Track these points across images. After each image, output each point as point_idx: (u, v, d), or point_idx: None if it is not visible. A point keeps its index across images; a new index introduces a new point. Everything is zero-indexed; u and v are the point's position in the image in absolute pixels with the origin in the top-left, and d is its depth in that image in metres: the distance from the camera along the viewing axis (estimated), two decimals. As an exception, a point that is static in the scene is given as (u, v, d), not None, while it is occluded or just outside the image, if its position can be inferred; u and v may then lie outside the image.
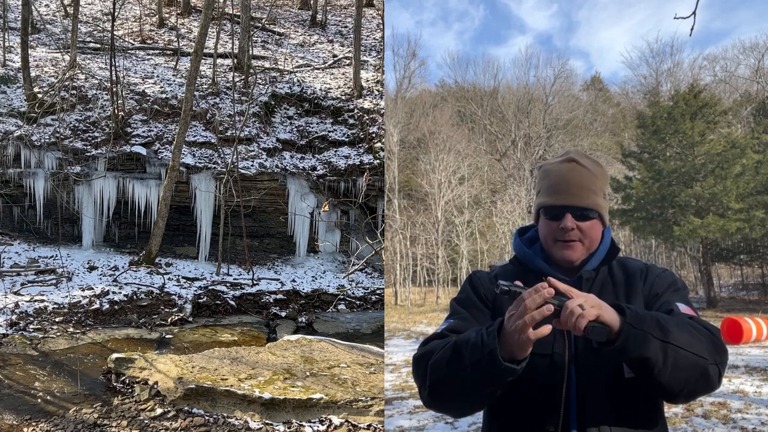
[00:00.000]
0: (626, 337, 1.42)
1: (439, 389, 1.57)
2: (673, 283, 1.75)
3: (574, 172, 1.75)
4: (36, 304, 10.70)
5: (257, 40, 21.85)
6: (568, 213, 1.70)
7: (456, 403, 1.59)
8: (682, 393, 1.50)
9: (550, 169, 1.80)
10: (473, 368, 1.47)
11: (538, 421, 1.60)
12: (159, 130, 15.76)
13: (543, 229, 1.78)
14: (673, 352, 1.43)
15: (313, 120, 17.53)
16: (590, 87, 42.93)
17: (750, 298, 23.60)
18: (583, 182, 1.74)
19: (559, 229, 1.71)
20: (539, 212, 1.79)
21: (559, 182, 1.75)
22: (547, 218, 1.75)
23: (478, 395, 1.54)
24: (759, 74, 30.64)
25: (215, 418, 6.13)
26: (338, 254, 16.12)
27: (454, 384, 1.52)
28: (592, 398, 1.59)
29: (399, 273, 28.48)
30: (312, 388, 6.64)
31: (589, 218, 1.72)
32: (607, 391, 1.59)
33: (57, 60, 17.97)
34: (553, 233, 1.73)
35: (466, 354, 1.49)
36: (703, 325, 1.54)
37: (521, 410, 1.63)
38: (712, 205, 21.55)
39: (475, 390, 1.51)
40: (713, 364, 1.48)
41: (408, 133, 34.65)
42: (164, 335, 10.44)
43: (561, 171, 1.77)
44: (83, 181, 14.41)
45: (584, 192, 1.73)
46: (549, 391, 1.59)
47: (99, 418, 6.25)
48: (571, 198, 1.71)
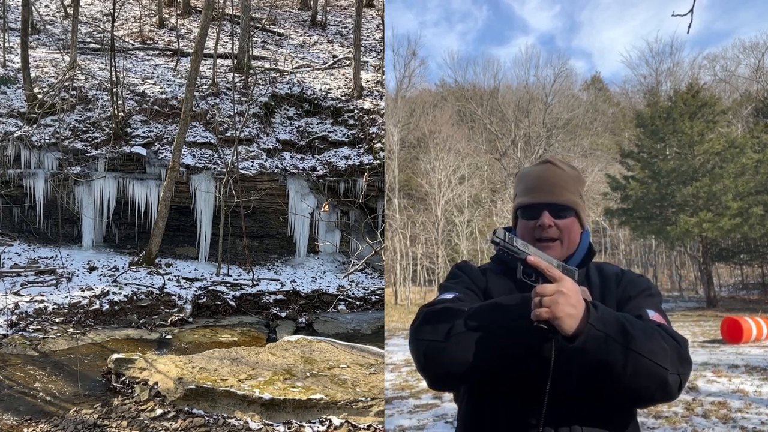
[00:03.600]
0: (586, 338, 1.40)
1: (465, 339, 1.51)
2: (647, 288, 1.74)
3: (549, 171, 1.77)
4: (36, 304, 10.71)
5: (257, 40, 21.85)
6: (545, 210, 1.71)
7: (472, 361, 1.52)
8: (640, 399, 1.50)
9: (527, 172, 1.83)
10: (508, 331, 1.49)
11: (521, 413, 1.57)
12: (159, 130, 15.77)
13: (521, 230, 1.77)
14: (633, 359, 1.41)
15: (313, 120, 17.53)
16: (590, 87, 42.98)
17: (750, 297, 23.62)
18: (559, 181, 1.75)
19: (537, 226, 1.71)
20: (517, 213, 1.80)
21: (535, 182, 1.76)
22: (525, 218, 1.76)
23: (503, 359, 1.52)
24: (759, 74, 30.65)
25: (215, 418, 6.13)
26: (338, 254, 16.12)
27: (485, 338, 1.50)
28: (569, 395, 1.56)
29: (399, 272, 28.50)
30: (312, 388, 6.65)
31: (566, 216, 1.73)
32: (581, 389, 1.55)
33: (57, 60, 17.97)
34: (531, 232, 1.73)
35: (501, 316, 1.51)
36: (670, 335, 1.51)
37: (504, 401, 1.60)
38: (711, 204, 21.56)
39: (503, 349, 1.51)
40: (674, 374, 1.46)
41: (408, 133, 34.67)
42: (164, 336, 10.45)
43: (536, 172, 1.79)
44: (83, 181, 14.41)
45: (560, 190, 1.74)
46: (533, 383, 1.56)
47: (99, 418, 6.26)
48: (547, 195, 1.72)
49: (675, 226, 21.41)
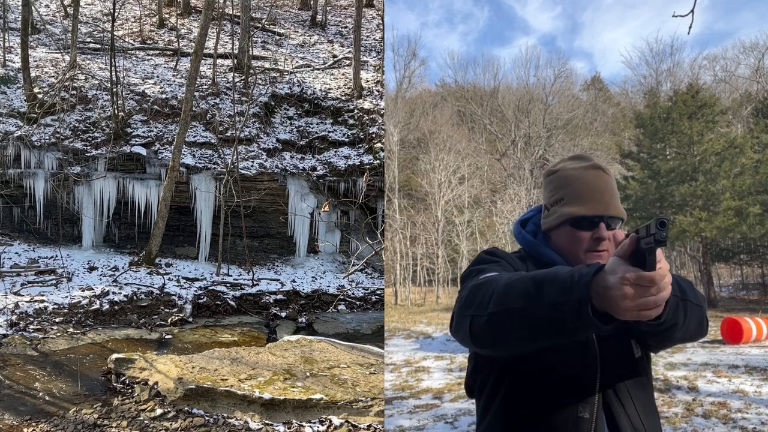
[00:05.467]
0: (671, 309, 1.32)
1: (501, 319, 1.36)
2: None
3: (602, 181, 1.72)
4: (36, 304, 10.70)
5: (257, 40, 21.85)
6: (602, 223, 1.67)
7: (508, 341, 1.41)
8: (684, 341, 1.52)
9: (575, 176, 1.74)
10: (551, 309, 1.28)
11: (571, 407, 1.52)
12: (159, 130, 15.76)
13: (569, 239, 1.71)
14: (688, 308, 1.41)
15: (313, 120, 17.53)
16: (590, 87, 42.97)
17: (750, 298, 23.60)
18: (613, 191, 1.72)
19: (593, 239, 1.67)
20: (565, 222, 1.72)
21: (591, 191, 1.70)
22: (578, 228, 1.70)
23: (539, 340, 1.37)
24: (759, 74, 30.64)
25: (215, 418, 6.13)
26: (338, 255, 16.11)
27: (523, 319, 1.34)
28: (614, 381, 1.55)
29: (399, 273, 28.50)
30: (312, 388, 6.65)
31: (616, 227, 1.71)
32: (624, 372, 1.56)
33: (57, 60, 17.97)
34: (584, 243, 1.69)
35: (549, 291, 1.29)
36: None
37: (550, 397, 1.54)
38: (711, 204, 21.56)
39: (540, 333, 1.34)
40: (705, 310, 1.51)
41: (408, 133, 34.67)
42: (164, 336, 10.45)
43: (588, 179, 1.72)
44: (83, 181, 14.41)
45: (615, 201, 1.71)
46: (581, 375, 1.53)
47: (99, 418, 6.25)
48: (604, 208, 1.68)
49: (674, 226, 21.42)
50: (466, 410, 8.10)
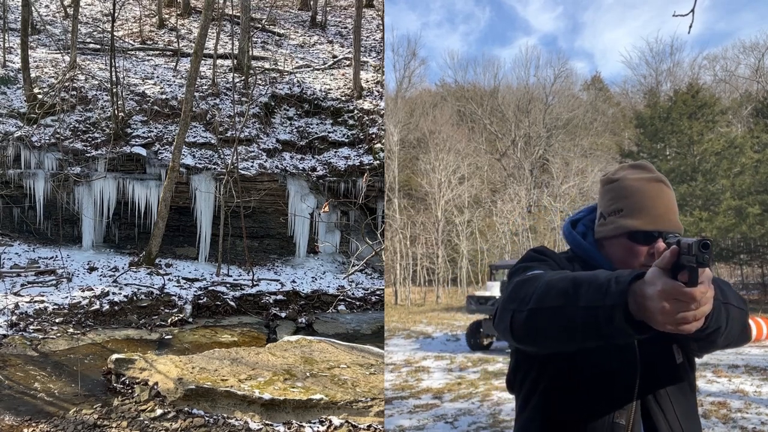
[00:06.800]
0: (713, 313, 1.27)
1: (540, 316, 1.37)
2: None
3: (666, 195, 1.70)
4: (36, 304, 10.71)
5: (257, 40, 21.85)
6: (660, 239, 1.63)
7: (546, 339, 1.42)
8: (727, 347, 1.50)
9: (636, 187, 1.70)
10: (585, 312, 1.27)
11: (607, 412, 1.51)
12: (159, 130, 15.77)
13: (625, 252, 1.68)
14: (731, 312, 1.40)
15: (313, 121, 17.53)
16: (590, 87, 42.96)
17: (750, 297, 23.57)
18: (674, 206, 1.70)
19: (649, 254, 1.64)
20: (622, 234, 1.68)
21: (652, 205, 1.67)
22: (636, 242, 1.66)
23: (575, 340, 1.36)
24: (759, 74, 30.63)
25: (215, 418, 6.13)
26: (338, 255, 16.12)
27: (559, 319, 1.33)
28: (654, 386, 1.54)
29: (399, 273, 28.50)
30: (312, 388, 6.65)
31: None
32: (664, 378, 1.55)
33: (57, 61, 17.97)
34: (640, 257, 1.65)
35: (586, 294, 1.29)
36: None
37: (586, 399, 1.53)
38: (711, 204, 21.56)
39: (575, 334, 1.33)
40: (747, 313, 1.48)
41: (408, 133, 34.66)
42: (164, 336, 10.45)
43: (650, 192, 1.69)
44: (83, 181, 14.41)
45: (674, 216, 1.68)
46: (620, 379, 1.52)
47: (99, 418, 6.26)
48: (666, 224, 1.66)
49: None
50: (466, 410, 8.11)
